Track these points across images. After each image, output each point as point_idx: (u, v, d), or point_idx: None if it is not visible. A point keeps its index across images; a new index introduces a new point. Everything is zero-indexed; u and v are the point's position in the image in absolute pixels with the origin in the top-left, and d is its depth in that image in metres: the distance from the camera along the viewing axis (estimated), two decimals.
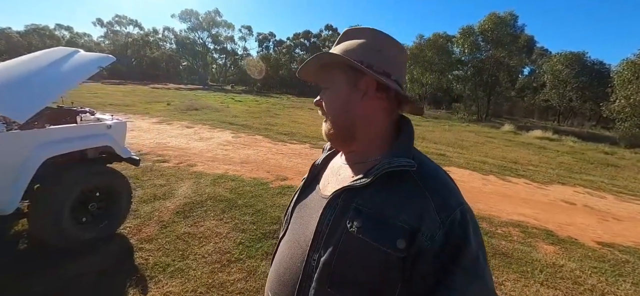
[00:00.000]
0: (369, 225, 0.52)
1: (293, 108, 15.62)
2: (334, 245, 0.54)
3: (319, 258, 0.55)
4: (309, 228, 0.60)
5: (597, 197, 5.54)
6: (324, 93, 0.64)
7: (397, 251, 0.49)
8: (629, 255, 3.28)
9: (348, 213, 0.55)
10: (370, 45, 0.61)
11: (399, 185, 0.54)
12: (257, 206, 3.37)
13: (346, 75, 0.60)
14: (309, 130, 9.25)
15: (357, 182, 0.56)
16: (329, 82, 0.63)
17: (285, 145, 6.92)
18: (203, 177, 4.19)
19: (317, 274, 0.54)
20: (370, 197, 0.54)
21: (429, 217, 0.50)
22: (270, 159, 5.56)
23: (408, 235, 0.49)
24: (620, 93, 15.84)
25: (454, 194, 0.54)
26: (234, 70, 47.43)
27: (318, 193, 0.67)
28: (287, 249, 0.65)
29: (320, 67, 0.64)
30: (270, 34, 48.86)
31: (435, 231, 0.49)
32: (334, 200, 0.58)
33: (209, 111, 11.63)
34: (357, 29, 0.64)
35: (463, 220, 0.50)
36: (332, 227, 0.56)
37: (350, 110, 0.61)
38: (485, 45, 19.71)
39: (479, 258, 0.50)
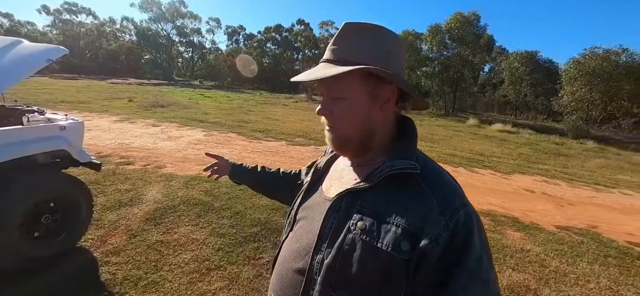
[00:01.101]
0: (373, 228, 0.52)
1: (266, 105, 15.28)
2: (337, 247, 0.54)
3: (322, 260, 0.55)
4: (312, 231, 0.59)
5: (552, 184, 6.07)
6: (336, 104, 0.58)
7: (401, 254, 0.49)
8: (582, 237, 3.62)
9: (351, 215, 0.55)
10: (383, 47, 0.57)
11: (403, 187, 0.53)
12: (234, 208, 3.22)
13: (366, 84, 0.56)
14: (284, 127, 9.09)
15: (360, 184, 0.56)
16: (345, 92, 0.57)
17: (260, 143, 6.73)
18: (174, 179, 3.92)
19: (321, 277, 0.54)
20: (373, 199, 0.54)
21: (432, 219, 0.49)
22: (246, 158, 5.36)
23: (412, 238, 0.49)
24: (567, 90, 17.54)
25: (458, 195, 0.53)
26: (201, 64, 45.31)
27: (321, 196, 0.66)
28: (290, 251, 0.64)
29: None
30: (240, 28, 47.31)
31: (439, 234, 0.48)
32: (337, 202, 0.58)
33: (176, 108, 10.97)
34: (361, 26, 0.58)
35: (467, 221, 0.50)
36: (336, 230, 0.55)
37: (369, 121, 0.58)
38: (451, 43, 20.74)
39: (483, 260, 0.49)
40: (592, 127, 16.33)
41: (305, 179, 0.76)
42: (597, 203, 5.22)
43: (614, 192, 6.06)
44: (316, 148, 6.84)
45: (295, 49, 46.31)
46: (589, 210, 4.80)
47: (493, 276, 0.50)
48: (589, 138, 13.06)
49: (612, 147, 12.14)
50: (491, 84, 32.82)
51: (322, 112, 0.61)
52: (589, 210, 4.77)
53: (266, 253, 2.47)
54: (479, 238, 0.50)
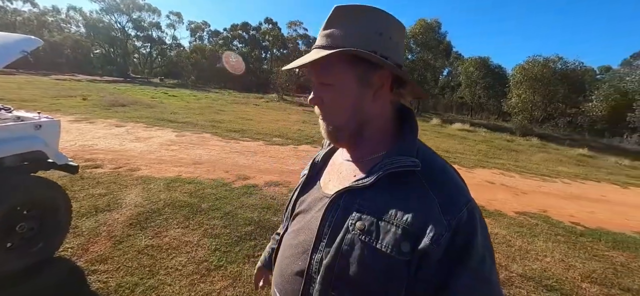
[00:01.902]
0: (372, 228, 0.50)
1: (237, 104, 14.88)
2: (336, 247, 0.52)
3: (321, 260, 0.53)
4: (311, 228, 0.57)
5: (508, 176, 6.80)
6: (326, 91, 0.55)
7: (401, 255, 0.47)
8: (537, 220, 4.15)
9: (350, 215, 0.53)
10: (374, 28, 0.52)
11: (403, 186, 0.51)
12: (224, 208, 3.16)
13: (355, 69, 0.53)
14: (259, 126, 8.96)
15: (359, 182, 0.54)
16: (332, 77, 0.54)
17: (237, 143, 6.58)
18: (152, 181, 3.71)
19: (320, 276, 0.52)
20: (372, 198, 0.52)
21: (434, 218, 0.47)
22: (225, 158, 5.23)
23: (412, 238, 0.47)
24: (514, 92, 19.56)
25: (461, 193, 0.50)
26: (161, 61, 42.51)
27: (319, 191, 0.64)
28: (289, 248, 0.63)
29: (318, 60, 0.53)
30: (204, 23, 45.32)
31: (441, 233, 0.46)
32: (335, 200, 0.56)
33: (139, 107, 10.24)
34: (352, 8, 0.53)
35: (470, 221, 0.48)
36: (334, 229, 0.54)
37: (361, 109, 0.55)
38: (415, 47, 21.98)
39: (486, 260, 0.47)
40: (535, 126, 18.42)
41: (303, 172, 0.74)
42: (544, 191, 5.97)
43: (556, 181, 6.96)
44: (295, 147, 6.87)
45: (263, 48, 45.54)
46: (539, 197, 5.48)
47: (495, 277, 0.48)
48: (533, 136, 14.75)
49: (552, 143, 13.86)
50: (450, 87, 35.35)
51: (313, 100, 0.58)
52: (539, 197, 5.44)
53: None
54: (482, 238, 0.48)
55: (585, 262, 3.09)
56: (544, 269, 2.86)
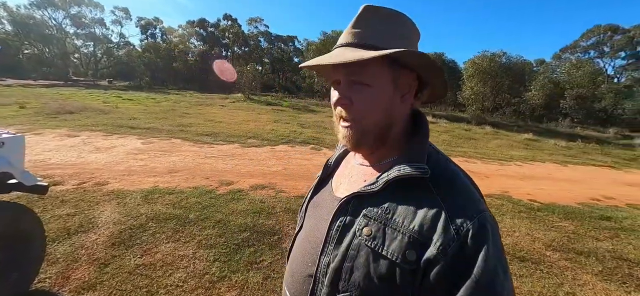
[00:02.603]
0: (378, 234, 0.50)
1: (202, 106, 14.15)
2: (343, 252, 0.52)
3: (329, 263, 0.54)
4: (320, 230, 0.58)
5: (472, 163, 7.43)
6: (360, 92, 0.53)
7: (406, 263, 0.47)
8: (501, 200, 4.62)
9: (357, 220, 0.53)
10: (406, 34, 0.54)
11: (411, 193, 0.51)
12: (214, 217, 3.04)
13: (392, 71, 0.52)
14: (231, 128, 8.66)
15: (367, 188, 0.54)
16: (369, 77, 0.52)
17: (211, 147, 6.30)
18: (127, 195, 3.42)
19: (327, 279, 0.53)
20: (380, 204, 0.52)
21: (441, 228, 0.46)
22: (202, 164, 4.99)
23: (419, 247, 0.46)
24: (467, 85, 21.25)
25: (472, 202, 0.49)
26: (108, 61, 38.69)
27: (330, 193, 0.65)
28: (300, 248, 0.64)
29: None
30: (156, 20, 42.10)
31: (448, 244, 0.45)
32: (344, 205, 0.56)
33: (91, 114, 9.26)
34: (384, 10, 0.54)
35: (480, 232, 0.45)
36: (342, 233, 0.54)
37: (391, 113, 0.55)
38: None
39: (498, 274, 0.44)
40: (487, 115, 20.25)
41: (317, 174, 0.74)
42: (502, 174, 6.65)
43: (511, 164, 7.78)
44: (272, 148, 6.78)
45: (224, 46, 43.79)
46: (499, 179, 6.10)
47: (508, 291, 0.45)
48: (486, 124, 16.21)
49: (502, 130, 15.38)
50: None
51: (341, 102, 0.55)
52: (499, 180, 6.05)
53: (266, 255, 2.46)
54: (494, 250, 0.45)
55: (546, 233, 3.53)
56: (515, 243, 3.22)
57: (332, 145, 7.66)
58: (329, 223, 0.56)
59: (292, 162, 5.72)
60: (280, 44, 55.72)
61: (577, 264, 2.92)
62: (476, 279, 0.43)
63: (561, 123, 20.12)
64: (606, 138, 16.33)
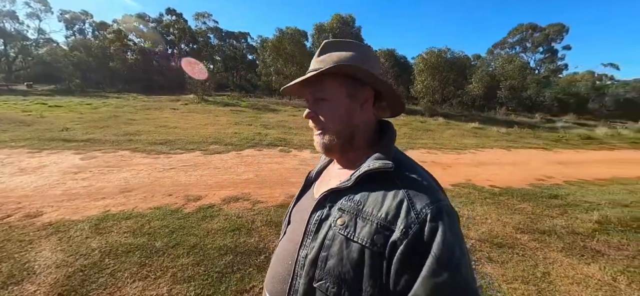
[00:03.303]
0: (351, 223, 0.56)
1: (150, 110, 12.75)
2: (320, 242, 0.58)
3: (307, 255, 0.59)
4: (301, 229, 0.63)
5: (433, 154, 7.86)
6: (321, 106, 0.65)
7: (374, 247, 0.53)
8: (468, 188, 4.92)
9: (333, 213, 0.60)
10: (360, 57, 0.64)
11: (379, 185, 0.58)
12: (187, 242, 2.66)
13: (345, 86, 0.63)
14: (188, 134, 7.90)
15: (342, 184, 0.61)
16: (326, 92, 0.64)
17: (169, 158, 5.65)
18: (71, 227, 2.83)
19: (304, 271, 0.58)
20: (353, 197, 0.59)
21: (404, 213, 0.53)
22: (161, 179, 4.41)
23: (385, 231, 0.53)
24: (418, 79, 22.65)
25: (430, 191, 0.56)
26: (25, 61, 32.92)
27: (312, 197, 0.71)
28: (281, 250, 0.70)
29: (313, 80, 0.64)
30: (84, 13, 37.02)
31: (409, 226, 0.51)
32: (321, 201, 0.63)
33: (9, 126, 7.69)
34: (338, 41, 0.67)
35: (437, 216, 0.52)
36: (319, 226, 0.60)
37: (351, 120, 0.64)
38: None
39: (455, 252, 0.50)
40: (438, 107, 21.82)
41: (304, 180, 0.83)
42: (461, 163, 7.15)
43: (467, 153, 8.43)
44: (238, 153, 6.33)
45: (169, 43, 40.40)
46: (460, 168, 6.53)
47: (467, 269, 0.50)
48: (438, 116, 17.45)
49: (452, 120, 16.70)
50: None
51: (309, 114, 0.67)
52: (460, 168, 6.49)
53: (256, 280, 2.19)
54: (450, 232, 0.51)
55: (512, 217, 3.83)
56: (490, 230, 3.41)
57: (301, 146, 7.47)
58: (307, 220, 0.62)
59: (263, 167, 5.40)
60: (232, 41, 53.42)
61: (544, 243, 3.20)
62: (435, 256, 0.49)
63: (498, 112, 22.64)
64: (534, 123, 18.82)
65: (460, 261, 0.50)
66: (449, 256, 0.49)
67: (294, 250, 0.63)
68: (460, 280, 0.49)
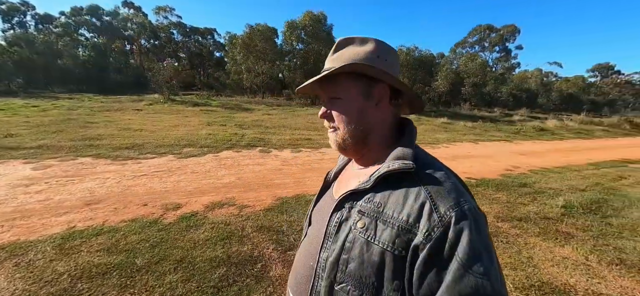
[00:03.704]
0: (371, 226, 0.55)
1: (110, 112, 11.68)
2: (340, 245, 0.58)
3: (328, 257, 0.59)
4: (321, 230, 0.63)
5: None
6: (334, 104, 0.65)
7: (396, 250, 0.52)
8: None
9: (353, 215, 0.59)
10: (376, 53, 0.62)
11: (399, 186, 0.56)
12: (173, 256, 2.43)
13: (359, 84, 0.62)
14: (157, 137, 7.35)
15: (361, 185, 0.60)
16: (339, 93, 0.63)
17: (139, 163, 5.19)
18: (30, 249, 2.45)
19: (326, 273, 0.58)
20: (373, 199, 0.58)
21: (426, 215, 0.51)
22: (133, 187, 4.03)
23: (407, 235, 0.51)
24: None
25: (454, 192, 0.53)
26: None
27: (331, 197, 0.71)
28: (303, 250, 0.71)
29: (326, 79, 0.63)
30: (24, 4, 32.98)
31: (432, 230, 0.49)
32: (341, 203, 0.62)
33: None
34: (352, 38, 0.65)
35: (462, 219, 0.49)
36: (339, 228, 0.60)
37: (365, 119, 0.63)
38: (306, 38, 22.83)
39: (482, 257, 0.47)
40: None
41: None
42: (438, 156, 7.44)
43: (441, 147, 8.82)
44: (215, 156, 6.00)
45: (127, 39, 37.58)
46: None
47: (495, 274, 0.48)
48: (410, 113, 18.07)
49: (423, 116, 17.41)
50: None
51: (323, 114, 0.67)
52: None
53: (255, 292, 2.05)
54: (477, 236, 0.49)
55: (491, 206, 4.04)
56: None
57: (281, 146, 7.29)
58: (327, 222, 0.62)
59: (245, 169, 5.17)
60: (198, 37, 51.10)
61: (522, 230, 3.40)
62: (461, 261, 0.46)
63: (463, 107, 24.07)
64: (495, 117, 20.29)
65: (489, 267, 0.47)
66: (476, 261, 0.47)
67: (315, 251, 0.62)
68: (488, 286, 0.46)
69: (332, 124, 0.66)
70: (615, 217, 3.97)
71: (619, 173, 6.80)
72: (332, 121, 0.65)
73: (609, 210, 4.20)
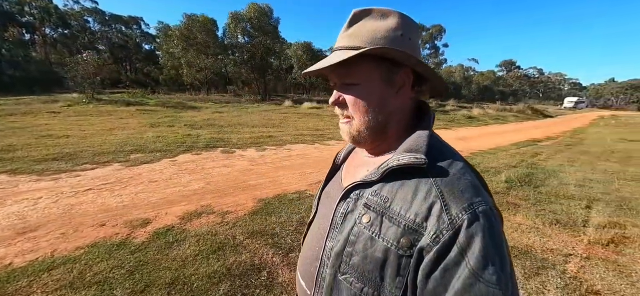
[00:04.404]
0: (376, 222, 0.52)
1: (16, 116, 9.40)
2: (345, 237, 0.56)
3: (333, 247, 0.57)
4: (328, 218, 0.61)
5: None
6: (350, 90, 0.57)
7: (401, 249, 0.49)
8: None
9: (358, 208, 0.56)
10: (399, 31, 0.54)
11: (409, 181, 0.52)
12: (161, 279, 2.12)
13: (380, 68, 0.55)
14: (91, 143, 6.24)
15: (368, 177, 0.57)
16: (357, 77, 0.56)
17: (77, 177, 4.35)
18: None
19: (331, 262, 0.57)
20: (379, 193, 0.54)
21: (435, 216, 0.47)
22: (78, 206, 3.37)
23: (413, 234, 0.48)
24: None
25: (468, 191, 0.48)
26: None
27: (339, 183, 0.68)
28: (311, 235, 0.69)
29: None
30: None
31: (441, 232, 0.46)
32: (347, 194, 0.59)
33: None
34: (370, 11, 0.56)
35: (474, 221, 0.45)
36: (345, 219, 0.57)
37: (385, 108, 0.57)
38: (253, 31, 21.86)
39: (495, 263, 0.44)
40: None
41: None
42: None
43: None
44: (172, 160, 5.39)
45: (25, 26, 31.01)
46: None
47: (508, 282, 0.44)
48: None
49: None
50: (283, 69, 38.45)
51: (335, 102, 0.60)
52: None
53: None
54: (490, 241, 0.45)
55: None
56: None
57: (243, 145, 6.92)
58: (333, 211, 0.59)
59: (211, 173, 4.76)
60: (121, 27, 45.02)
61: None
62: (471, 269, 0.43)
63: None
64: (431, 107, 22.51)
65: (501, 276, 0.43)
66: (488, 268, 0.43)
67: (322, 238, 0.61)
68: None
69: (346, 112, 0.58)
70: (543, 187, 4.83)
71: (535, 150, 8.28)
72: (345, 109, 0.58)
73: (537, 181, 5.09)
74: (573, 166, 6.53)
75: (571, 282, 2.36)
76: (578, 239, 3.09)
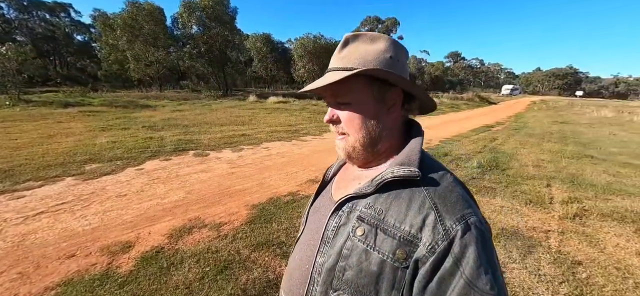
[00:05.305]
0: (371, 235, 0.53)
1: None
2: (337, 251, 0.55)
3: (324, 263, 0.57)
4: (318, 233, 0.61)
5: None
6: (344, 108, 0.60)
7: (397, 261, 0.50)
8: None
9: (351, 221, 0.56)
10: (389, 53, 0.58)
11: (403, 194, 0.54)
12: None
13: (373, 88, 0.57)
14: (29, 155, 5.26)
15: (361, 190, 0.58)
16: (350, 96, 0.58)
17: (22, 198, 3.62)
18: None
19: (322, 278, 0.56)
20: (373, 205, 0.55)
21: (430, 227, 0.49)
22: (32, 236, 2.80)
23: (409, 246, 0.50)
24: (299, 64, 23.71)
25: (460, 203, 0.51)
26: None
27: (330, 198, 0.68)
28: (298, 251, 0.67)
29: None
30: None
31: (436, 243, 0.48)
32: (339, 207, 0.59)
33: None
34: (362, 34, 0.60)
35: (468, 232, 0.48)
36: (337, 233, 0.57)
37: (377, 125, 0.59)
38: (209, 22, 20.39)
39: (487, 273, 0.46)
40: None
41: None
42: None
43: None
44: (138, 169, 4.80)
45: None
46: None
47: (500, 291, 0.46)
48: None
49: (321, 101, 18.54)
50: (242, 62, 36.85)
51: (330, 119, 0.62)
52: None
53: None
54: (483, 251, 0.47)
55: None
56: None
57: (217, 145, 6.45)
58: (324, 225, 0.59)
59: (189, 180, 4.34)
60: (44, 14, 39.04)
61: None
62: (466, 278, 0.45)
63: None
64: None
65: (494, 285, 0.46)
66: (482, 278, 0.45)
67: (312, 254, 0.60)
68: None
69: (341, 129, 0.61)
70: (508, 169, 5.33)
71: (491, 136, 9.12)
72: (338, 127, 0.61)
73: (502, 164, 5.59)
74: (525, 148, 7.33)
75: (558, 256, 2.63)
76: (550, 216, 3.46)
